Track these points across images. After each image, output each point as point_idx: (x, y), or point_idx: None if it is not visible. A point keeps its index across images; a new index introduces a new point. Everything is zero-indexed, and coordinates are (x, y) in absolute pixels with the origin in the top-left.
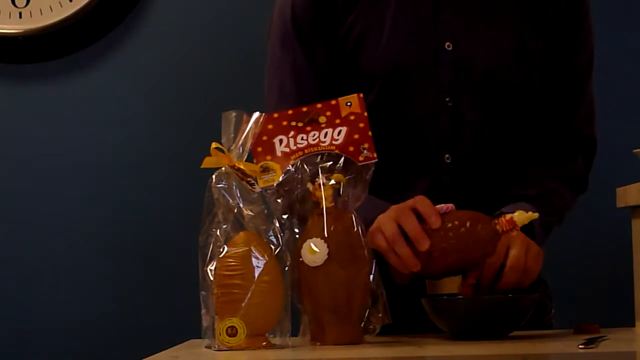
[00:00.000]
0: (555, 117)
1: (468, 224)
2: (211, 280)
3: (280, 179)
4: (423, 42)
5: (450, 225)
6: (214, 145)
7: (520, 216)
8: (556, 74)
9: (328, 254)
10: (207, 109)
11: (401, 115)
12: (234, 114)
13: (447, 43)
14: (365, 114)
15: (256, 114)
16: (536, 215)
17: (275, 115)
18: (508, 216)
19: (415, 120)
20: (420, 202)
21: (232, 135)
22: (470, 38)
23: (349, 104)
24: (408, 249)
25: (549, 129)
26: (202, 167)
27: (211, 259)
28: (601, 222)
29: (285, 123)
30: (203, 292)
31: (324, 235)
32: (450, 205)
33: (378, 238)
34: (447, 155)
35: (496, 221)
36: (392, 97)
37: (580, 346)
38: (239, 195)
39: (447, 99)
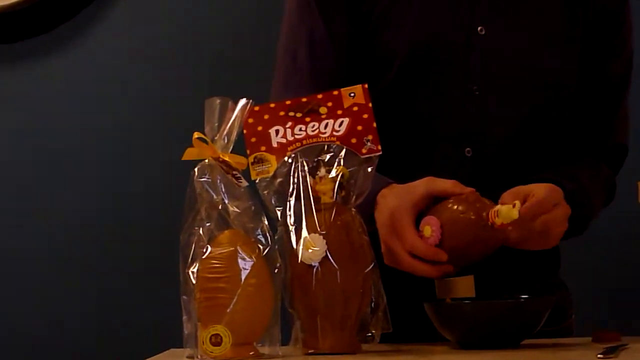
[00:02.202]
0: (590, 122)
1: (472, 215)
2: (193, 284)
3: (276, 171)
4: (455, 24)
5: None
6: (196, 135)
7: (507, 211)
8: (593, 78)
9: (326, 251)
10: (190, 95)
11: (421, 101)
12: (218, 101)
13: (480, 27)
14: (370, 105)
15: (242, 101)
16: (518, 207)
17: (272, 105)
18: (495, 208)
19: (437, 107)
20: (412, 246)
21: (216, 124)
22: (504, 25)
23: (352, 94)
24: (427, 267)
25: (583, 134)
26: (182, 159)
27: (193, 260)
28: (623, 221)
29: (282, 113)
30: (184, 297)
31: (323, 231)
32: (436, 226)
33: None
34: (468, 149)
35: (485, 214)
36: (413, 80)
37: (599, 356)
38: (223, 190)
39: (475, 88)
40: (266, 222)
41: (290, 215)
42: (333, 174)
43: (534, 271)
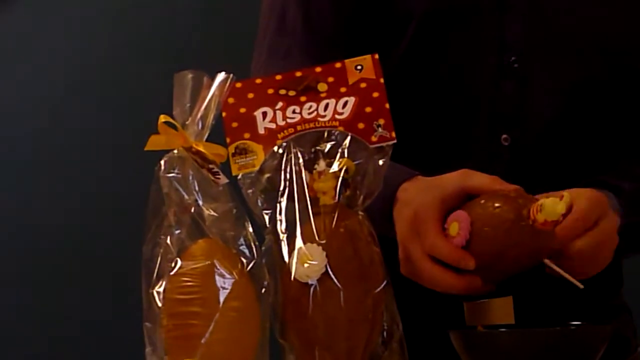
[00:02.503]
0: None
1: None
2: (159, 307)
3: (263, 164)
4: None
5: (487, 228)
6: (162, 118)
7: (552, 204)
8: None
9: (327, 266)
10: (155, 69)
11: (444, 76)
12: (190, 75)
13: None
14: (382, 80)
15: (221, 76)
16: (567, 200)
17: (258, 80)
18: (539, 202)
19: (465, 84)
20: (432, 246)
21: (188, 105)
22: None
23: (359, 67)
24: (450, 275)
25: None
26: (146, 149)
27: (159, 278)
28: None
29: (271, 91)
30: (148, 324)
31: (322, 240)
32: (465, 222)
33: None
34: (505, 136)
35: (526, 212)
36: (433, 49)
37: None
38: (197, 188)
39: (513, 59)
40: (251, 230)
41: (281, 220)
42: (335, 168)
43: (588, 291)
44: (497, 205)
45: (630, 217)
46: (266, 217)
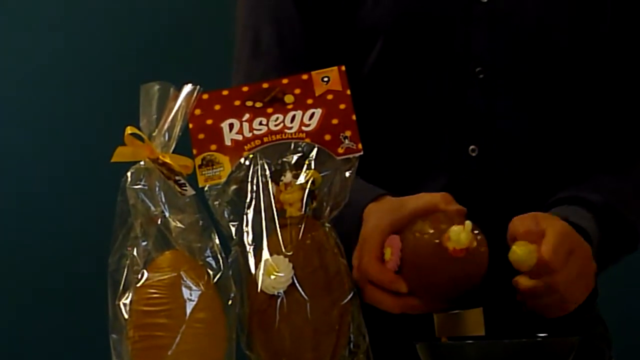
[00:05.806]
0: (630, 108)
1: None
2: (125, 319)
3: (229, 176)
4: None
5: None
6: (129, 130)
7: (457, 233)
8: (633, 52)
9: (293, 277)
10: (121, 80)
11: (411, 89)
12: (157, 86)
13: None
14: (348, 92)
15: (188, 87)
16: (468, 228)
17: (225, 92)
18: (449, 230)
19: (431, 96)
20: (365, 271)
21: (155, 116)
22: None
23: (325, 79)
24: (387, 297)
25: (621, 122)
26: (112, 160)
27: (125, 289)
28: None
29: (238, 103)
30: (114, 335)
31: (289, 252)
32: (396, 247)
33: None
34: (472, 147)
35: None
36: (400, 63)
37: None
38: (164, 200)
39: (478, 69)
40: (217, 241)
41: (247, 232)
42: (302, 179)
43: None
44: (423, 231)
45: (604, 231)
46: (232, 229)
